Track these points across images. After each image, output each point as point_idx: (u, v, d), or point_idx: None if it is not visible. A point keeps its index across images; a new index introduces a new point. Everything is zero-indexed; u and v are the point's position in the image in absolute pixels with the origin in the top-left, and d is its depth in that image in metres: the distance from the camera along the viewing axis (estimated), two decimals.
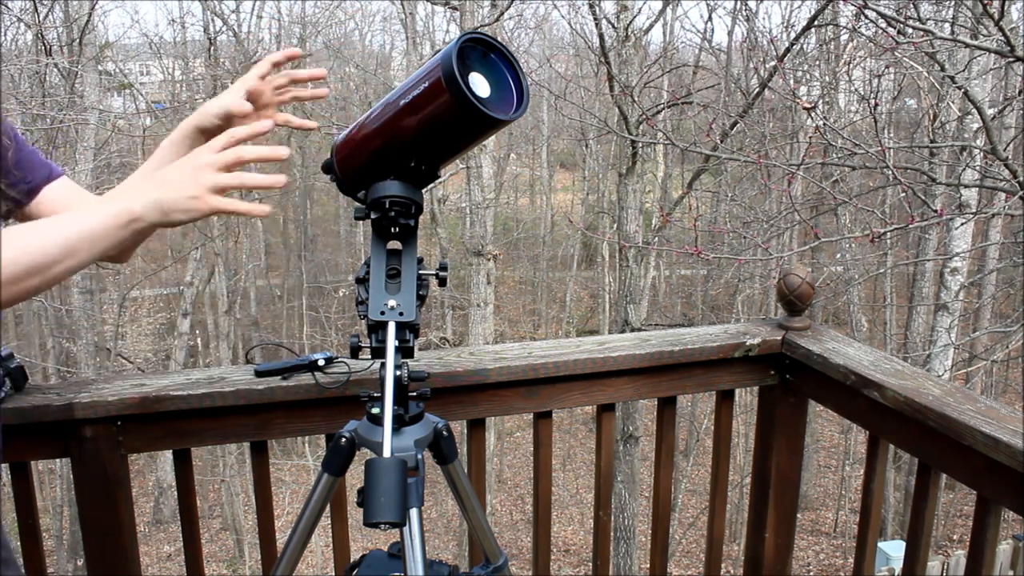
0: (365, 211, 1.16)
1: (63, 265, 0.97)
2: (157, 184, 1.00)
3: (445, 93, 1.02)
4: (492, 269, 9.37)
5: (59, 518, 11.33)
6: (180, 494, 1.56)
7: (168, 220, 1.00)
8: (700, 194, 12.91)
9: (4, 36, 9.61)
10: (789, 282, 1.71)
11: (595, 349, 1.65)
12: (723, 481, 1.84)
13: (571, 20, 13.34)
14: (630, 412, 7.82)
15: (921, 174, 5.05)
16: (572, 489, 13.80)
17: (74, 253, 0.98)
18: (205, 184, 0.99)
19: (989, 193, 6.16)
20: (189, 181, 0.99)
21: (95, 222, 0.98)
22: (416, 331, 1.14)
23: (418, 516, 1.11)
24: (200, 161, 1.01)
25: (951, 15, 5.49)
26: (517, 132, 17.27)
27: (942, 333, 6.93)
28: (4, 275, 0.94)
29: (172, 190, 0.99)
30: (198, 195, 0.99)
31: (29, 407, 1.36)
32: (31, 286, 0.97)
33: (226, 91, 1.26)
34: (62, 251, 0.97)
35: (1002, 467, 1.25)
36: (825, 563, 11.68)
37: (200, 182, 0.99)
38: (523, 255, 20.04)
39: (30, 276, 0.96)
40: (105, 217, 0.98)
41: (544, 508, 1.75)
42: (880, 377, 1.49)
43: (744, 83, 7.37)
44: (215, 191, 0.99)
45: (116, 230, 0.99)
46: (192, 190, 0.99)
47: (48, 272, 0.97)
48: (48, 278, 0.98)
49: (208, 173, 1.00)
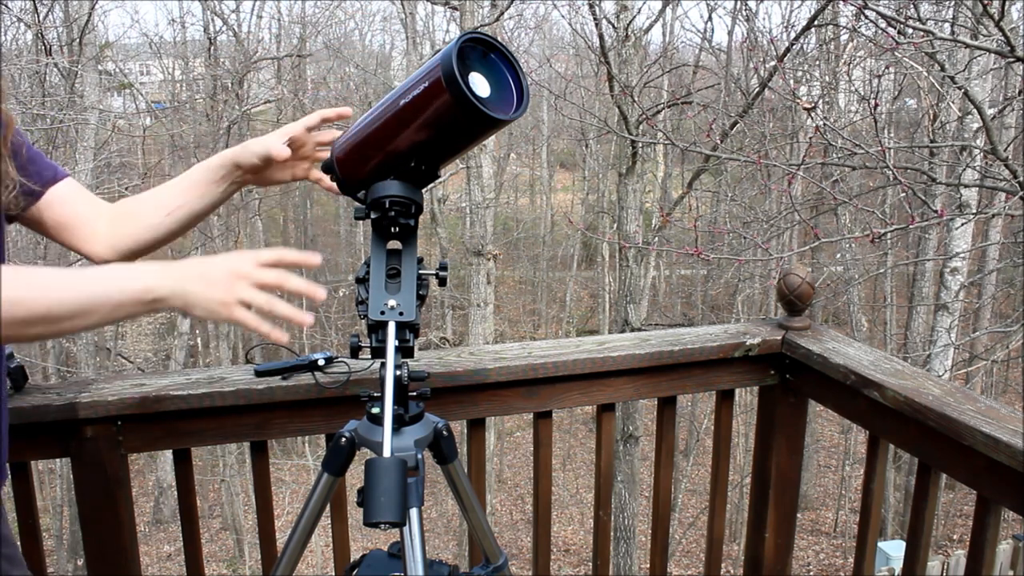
0: (365, 211, 1.16)
1: (74, 322, 0.96)
2: (193, 275, 1.00)
3: (445, 93, 1.02)
4: (492, 269, 9.37)
5: (59, 518, 11.33)
6: (180, 494, 1.56)
7: (188, 312, 1.00)
8: (700, 194, 12.92)
9: (4, 36, 9.61)
10: (789, 282, 1.71)
11: (595, 349, 1.65)
12: (723, 481, 1.84)
13: (571, 20, 13.34)
14: (630, 412, 7.83)
15: (921, 174, 5.05)
16: (572, 489, 13.80)
17: (90, 314, 0.97)
18: (238, 295, 0.99)
19: (989, 193, 6.16)
20: (223, 286, 0.99)
21: (119, 291, 0.98)
22: (416, 331, 1.14)
23: (418, 516, 1.11)
24: (242, 269, 1.00)
25: (951, 15, 5.49)
26: (517, 132, 17.27)
27: (942, 333, 6.93)
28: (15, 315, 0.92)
29: (204, 287, 0.99)
30: (227, 302, 0.99)
31: (29, 407, 1.36)
32: (35, 332, 0.96)
33: (271, 133, 1.27)
34: (79, 309, 0.96)
35: (1002, 467, 1.25)
36: (825, 563, 11.68)
37: (233, 291, 0.99)
38: (523, 255, 20.05)
39: (39, 323, 0.94)
40: (131, 291, 0.98)
41: (544, 508, 1.75)
42: (880, 377, 1.49)
43: (744, 83, 7.37)
44: (244, 304, 1.00)
45: (136, 305, 0.98)
46: (223, 295, 0.99)
47: (58, 325, 0.96)
48: (55, 330, 0.97)
49: (244, 286, 1.00)
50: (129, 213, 1.30)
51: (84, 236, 1.26)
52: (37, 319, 0.94)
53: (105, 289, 0.98)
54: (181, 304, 0.99)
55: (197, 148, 11.57)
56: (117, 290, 0.98)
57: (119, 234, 1.28)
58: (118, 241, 1.28)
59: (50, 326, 0.95)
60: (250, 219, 13.46)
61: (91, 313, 0.97)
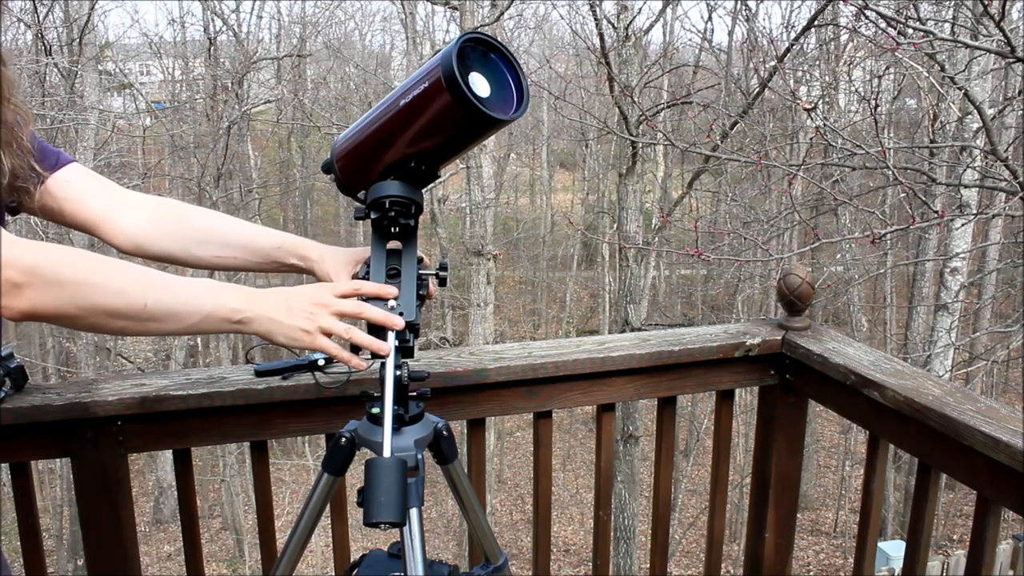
0: (365, 211, 1.16)
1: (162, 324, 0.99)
2: (277, 303, 1.05)
3: (445, 93, 1.02)
4: (492, 269, 9.37)
5: (59, 518, 11.33)
6: (180, 494, 1.56)
7: (270, 339, 1.05)
8: (700, 194, 12.92)
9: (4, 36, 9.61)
10: (789, 282, 1.71)
11: (595, 349, 1.64)
12: (723, 481, 1.84)
13: (571, 20, 13.37)
14: (630, 412, 7.82)
15: (921, 174, 5.05)
16: (572, 489, 13.80)
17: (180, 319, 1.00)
18: (319, 324, 1.04)
19: (989, 193, 6.16)
20: (305, 314, 1.04)
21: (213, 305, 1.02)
22: (416, 331, 1.14)
23: (418, 516, 1.11)
24: (322, 299, 1.06)
25: (951, 15, 5.49)
26: (517, 132, 17.27)
27: (942, 333, 6.93)
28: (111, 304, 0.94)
29: (288, 316, 1.04)
30: (310, 331, 1.04)
31: (29, 407, 1.36)
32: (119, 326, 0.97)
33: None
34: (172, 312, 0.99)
35: (1002, 467, 1.25)
36: (825, 563, 11.68)
37: (315, 320, 1.04)
38: (523, 255, 20.04)
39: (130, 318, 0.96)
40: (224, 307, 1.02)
41: (544, 508, 1.75)
42: (880, 377, 1.49)
43: (744, 83, 7.36)
44: (325, 333, 1.05)
45: (223, 322, 1.02)
46: (306, 324, 1.04)
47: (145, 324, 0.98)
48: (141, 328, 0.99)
49: (324, 314, 1.05)
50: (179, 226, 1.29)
51: (105, 224, 1.26)
52: (131, 313, 0.96)
53: (201, 300, 1.01)
54: (265, 329, 1.04)
55: (197, 148, 11.57)
56: (211, 303, 1.02)
57: (153, 236, 1.28)
58: (148, 241, 1.28)
59: (139, 323, 0.98)
60: (251, 219, 13.44)
61: (181, 319, 1.00)
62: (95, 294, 0.94)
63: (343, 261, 1.27)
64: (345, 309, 1.06)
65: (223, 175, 11.15)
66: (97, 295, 0.94)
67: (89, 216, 1.25)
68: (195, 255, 1.30)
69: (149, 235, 1.28)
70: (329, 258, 1.27)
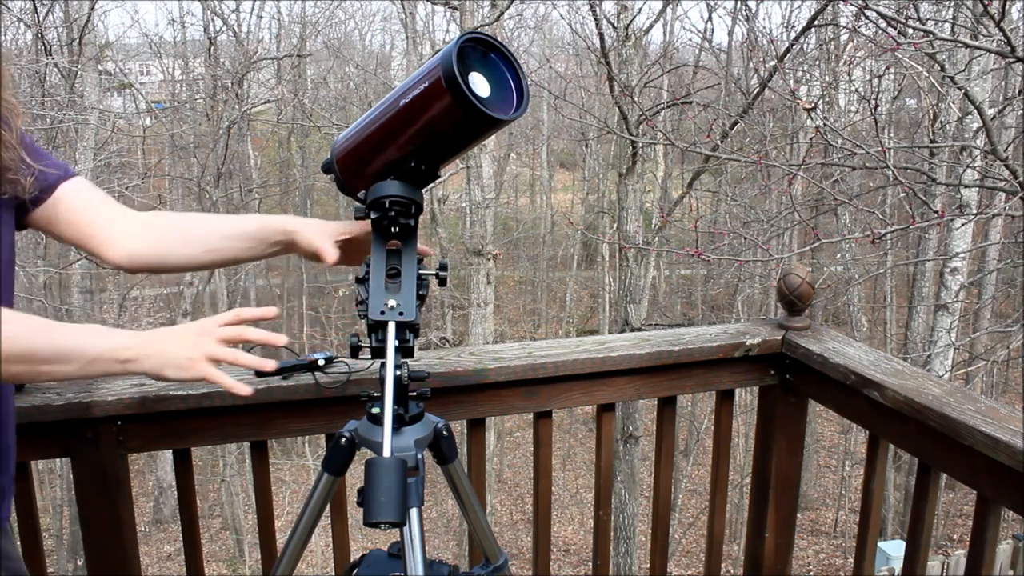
0: (365, 211, 1.16)
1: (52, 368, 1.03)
2: (163, 336, 1.09)
3: (445, 93, 1.02)
4: (492, 269, 9.37)
5: (59, 518, 11.32)
6: (180, 494, 1.56)
7: (160, 374, 1.08)
8: (700, 194, 12.91)
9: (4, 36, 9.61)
10: (789, 282, 1.71)
11: (595, 349, 1.64)
12: (723, 481, 1.84)
13: (571, 20, 13.35)
14: (630, 412, 7.82)
15: (921, 174, 5.04)
16: (572, 489, 13.79)
17: (68, 361, 1.03)
18: (203, 351, 1.08)
19: (989, 193, 6.16)
20: (190, 344, 1.08)
21: (95, 345, 1.05)
22: (416, 331, 1.14)
23: (418, 516, 1.11)
24: (206, 327, 1.09)
25: (951, 15, 5.49)
26: (517, 132, 17.26)
27: (942, 333, 6.93)
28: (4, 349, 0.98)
29: (173, 347, 1.07)
30: (194, 358, 1.07)
31: (29, 407, 1.36)
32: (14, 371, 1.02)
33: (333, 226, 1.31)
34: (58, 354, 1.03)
35: (1002, 467, 1.25)
36: (825, 563, 11.68)
37: (199, 348, 1.08)
38: (523, 255, 20.03)
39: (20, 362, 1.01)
40: (107, 347, 1.05)
41: (544, 508, 1.75)
42: (880, 377, 1.49)
43: (744, 83, 7.36)
44: (210, 359, 1.07)
45: (111, 362, 1.05)
46: (190, 352, 1.07)
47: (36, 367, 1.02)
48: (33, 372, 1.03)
49: (208, 341, 1.08)
50: (165, 231, 1.32)
51: (100, 239, 1.27)
52: (22, 357, 1.01)
53: (83, 341, 1.05)
54: (154, 365, 1.07)
55: (197, 148, 11.57)
56: (93, 344, 1.05)
57: (145, 246, 1.29)
58: (142, 252, 1.29)
59: (31, 367, 1.02)
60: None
61: (70, 361, 1.03)
62: None
63: (324, 232, 1.28)
64: (227, 334, 1.09)
65: (223, 175, 11.15)
66: None
67: (87, 230, 1.26)
68: (188, 255, 1.31)
69: (143, 245, 1.29)
70: (309, 229, 1.28)
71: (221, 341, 1.08)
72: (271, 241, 1.30)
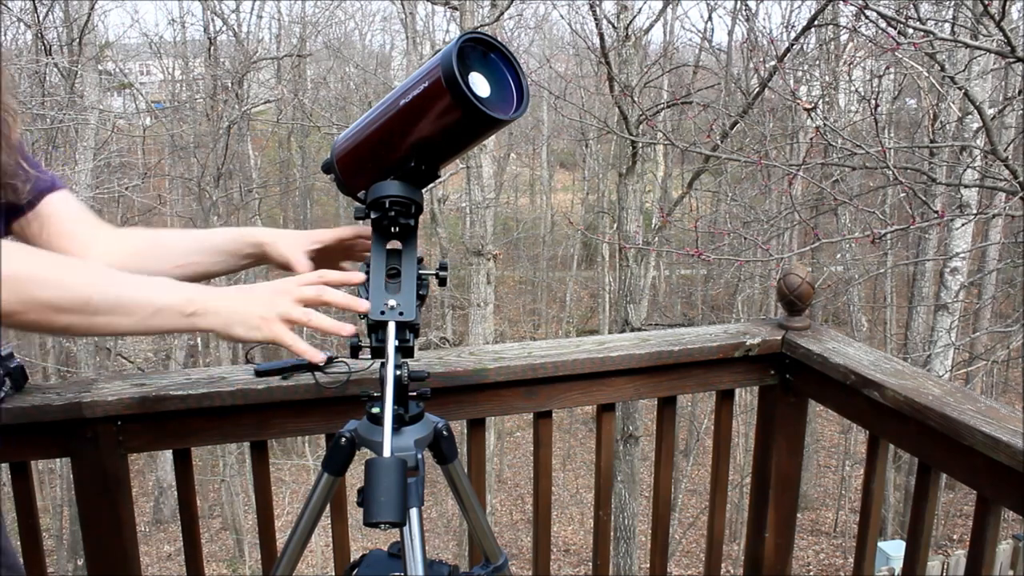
0: (365, 211, 1.16)
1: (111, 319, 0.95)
2: (234, 294, 1.02)
3: (445, 93, 1.02)
4: (492, 269, 9.37)
5: (59, 518, 11.32)
6: (180, 494, 1.56)
7: (228, 332, 1.00)
8: (700, 194, 12.91)
9: (4, 36, 9.62)
10: (789, 282, 1.71)
11: (595, 349, 1.64)
12: (723, 481, 1.84)
13: (571, 20, 13.35)
14: (630, 412, 7.82)
15: (921, 174, 5.05)
16: (572, 489, 13.79)
17: (129, 313, 0.96)
18: (277, 310, 1.01)
19: (989, 193, 6.16)
20: (265, 301, 1.01)
21: (162, 297, 0.97)
22: (416, 331, 1.14)
23: (418, 516, 1.11)
24: (283, 287, 1.03)
25: (951, 15, 5.49)
26: (517, 132, 17.26)
27: (942, 333, 6.93)
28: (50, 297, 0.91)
29: (246, 303, 1.01)
30: (267, 316, 1.00)
31: (29, 407, 1.36)
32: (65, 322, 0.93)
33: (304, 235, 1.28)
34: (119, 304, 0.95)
35: (1002, 467, 1.25)
36: (825, 563, 11.68)
37: (273, 306, 1.01)
38: (523, 255, 20.03)
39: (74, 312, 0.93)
40: (174, 299, 0.98)
41: (544, 508, 1.75)
42: (880, 377, 1.49)
43: (744, 83, 7.36)
44: (284, 320, 1.01)
45: (175, 315, 0.98)
46: (263, 311, 1.00)
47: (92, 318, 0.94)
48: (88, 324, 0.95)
49: (285, 300, 1.01)
50: (137, 247, 1.28)
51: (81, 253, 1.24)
52: (74, 306, 0.92)
53: (148, 292, 0.97)
54: (222, 322, 0.99)
55: (197, 148, 11.57)
56: (160, 295, 0.97)
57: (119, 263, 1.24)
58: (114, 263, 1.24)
59: (85, 317, 0.93)
60: (250, 219, 13.45)
61: (130, 313, 0.96)
62: (34, 287, 0.90)
63: (295, 242, 1.26)
64: (306, 295, 1.02)
65: (223, 175, 11.15)
66: (36, 288, 0.90)
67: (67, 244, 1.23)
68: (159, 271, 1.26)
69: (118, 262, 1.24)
70: (281, 240, 1.26)
71: (299, 301, 1.02)
72: (242, 254, 1.27)
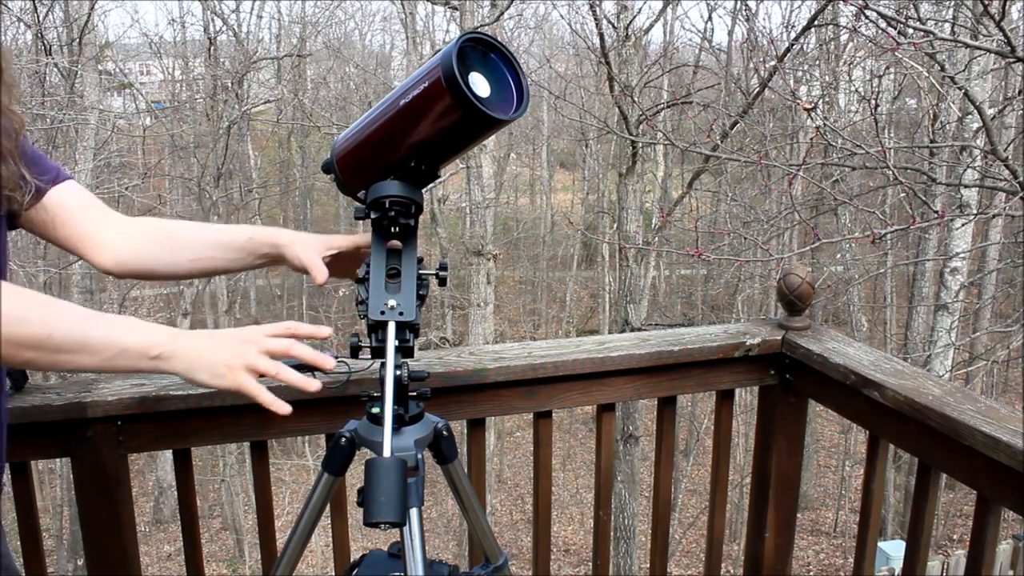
0: (365, 211, 1.16)
1: (72, 357, 0.95)
2: (201, 338, 1.01)
3: (445, 93, 1.02)
4: (492, 269, 9.37)
5: (59, 518, 11.32)
6: (180, 494, 1.56)
7: (192, 376, 0.99)
8: (700, 194, 12.91)
9: (4, 36, 9.61)
10: (789, 282, 1.71)
11: (595, 349, 1.64)
12: (723, 481, 1.84)
13: (571, 20, 13.35)
14: (630, 412, 7.82)
15: (921, 174, 5.05)
16: (572, 489, 13.79)
17: (92, 353, 0.95)
18: (243, 360, 0.99)
19: (989, 193, 6.16)
20: (231, 350, 0.99)
21: (125, 338, 0.97)
22: (416, 331, 1.14)
23: (418, 516, 1.11)
24: (250, 336, 1.01)
25: (951, 15, 5.49)
26: (517, 132, 17.26)
27: (942, 333, 6.93)
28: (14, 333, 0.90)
29: (212, 350, 0.99)
30: (232, 366, 0.99)
31: (29, 407, 1.36)
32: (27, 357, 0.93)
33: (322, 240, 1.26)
34: (81, 344, 0.95)
35: (1002, 467, 1.25)
36: (825, 563, 11.68)
37: (240, 356, 0.99)
38: (523, 255, 20.03)
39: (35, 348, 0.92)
40: (139, 342, 0.97)
41: (544, 508, 1.75)
42: (880, 377, 1.49)
43: (744, 83, 7.36)
44: (250, 370, 0.99)
45: (139, 358, 0.97)
46: (229, 359, 0.99)
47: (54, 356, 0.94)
48: (50, 361, 0.94)
49: (251, 351, 1.00)
50: (153, 238, 1.28)
51: (90, 243, 1.25)
52: (35, 343, 0.92)
53: (112, 333, 0.96)
54: (185, 367, 0.99)
55: (197, 148, 11.57)
56: (125, 337, 0.97)
57: (133, 252, 1.27)
58: (129, 258, 1.27)
59: (46, 355, 0.93)
60: (250, 219, 13.46)
61: (94, 353, 0.95)
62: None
63: (313, 246, 1.25)
64: (273, 347, 1.01)
65: (223, 175, 11.15)
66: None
67: (78, 234, 1.24)
68: (173, 263, 1.29)
69: (131, 251, 1.27)
70: (299, 242, 1.25)
71: (265, 353, 1.01)
72: (259, 253, 1.27)
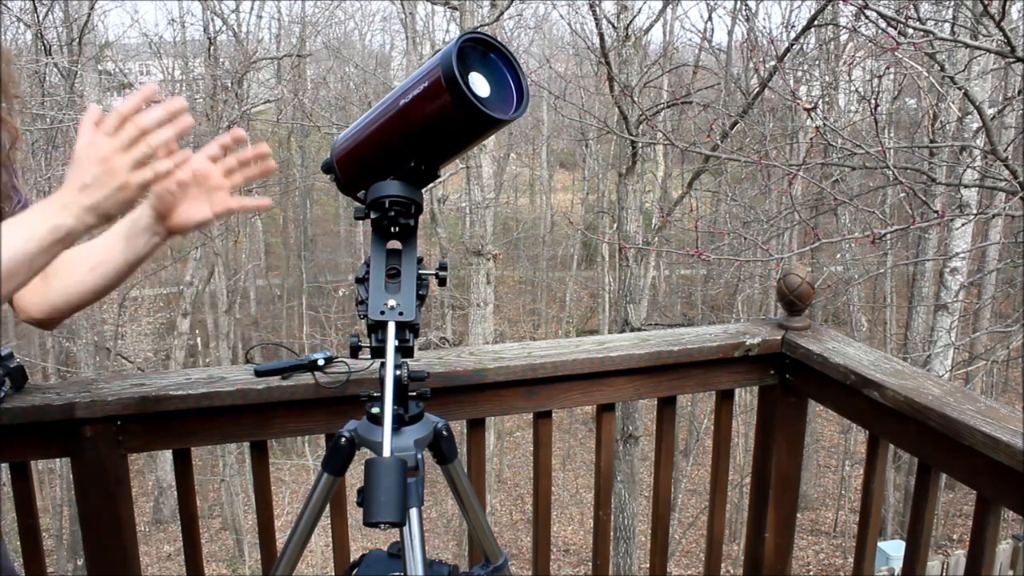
0: (365, 211, 1.16)
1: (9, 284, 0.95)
2: (79, 191, 0.96)
3: (445, 93, 1.02)
4: (492, 269, 9.37)
5: (59, 518, 11.33)
6: (180, 494, 1.56)
7: (106, 218, 0.97)
8: (700, 194, 12.88)
9: (4, 36, 9.61)
10: (789, 282, 1.71)
11: (594, 349, 1.64)
12: (723, 481, 1.84)
13: (571, 20, 13.35)
14: (630, 412, 7.82)
15: (921, 174, 5.05)
16: (572, 489, 13.79)
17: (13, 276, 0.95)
18: (122, 167, 0.96)
19: (989, 193, 6.16)
20: (106, 174, 0.96)
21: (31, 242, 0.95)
22: (416, 331, 1.14)
23: (418, 516, 1.11)
24: (104, 150, 0.96)
25: (951, 15, 5.49)
26: (517, 132, 17.26)
27: (942, 333, 6.93)
28: None
29: (97, 190, 0.96)
30: (123, 182, 0.96)
31: (29, 407, 1.36)
32: None
33: None
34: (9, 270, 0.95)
35: (1002, 467, 1.25)
36: (825, 563, 11.68)
37: (117, 169, 0.96)
38: (523, 255, 20.03)
39: None
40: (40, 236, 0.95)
41: (544, 508, 1.75)
42: (880, 377, 1.49)
43: (744, 83, 7.36)
44: (134, 167, 0.96)
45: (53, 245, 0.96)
46: (115, 181, 0.96)
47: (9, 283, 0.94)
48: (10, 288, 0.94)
49: (119, 156, 0.96)
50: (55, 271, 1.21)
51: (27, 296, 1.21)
52: None
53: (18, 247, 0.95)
54: (94, 217, 0.97)
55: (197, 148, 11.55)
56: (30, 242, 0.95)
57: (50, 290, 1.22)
58: (50, 298, 1.22)
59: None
60: (250, 219, 13.46)
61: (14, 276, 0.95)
62: None
63: None
64: (126, 136, 0.95)
65: None
66: None
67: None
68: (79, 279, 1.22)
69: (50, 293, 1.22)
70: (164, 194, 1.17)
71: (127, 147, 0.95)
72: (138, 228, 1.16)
